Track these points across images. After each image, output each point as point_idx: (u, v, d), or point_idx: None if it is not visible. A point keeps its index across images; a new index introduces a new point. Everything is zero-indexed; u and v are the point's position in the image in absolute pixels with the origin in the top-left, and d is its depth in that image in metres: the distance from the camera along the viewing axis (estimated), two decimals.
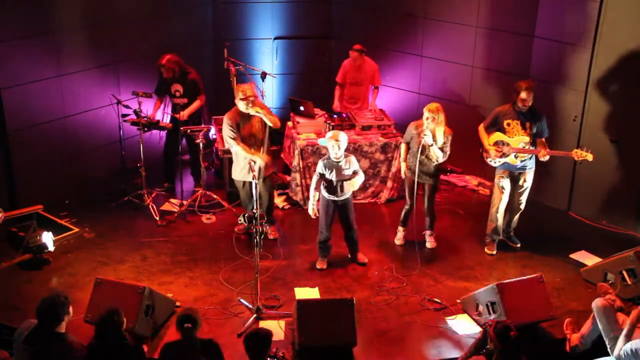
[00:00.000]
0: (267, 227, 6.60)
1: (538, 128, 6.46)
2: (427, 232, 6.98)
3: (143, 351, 4.78)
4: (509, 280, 5.66)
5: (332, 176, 6.29)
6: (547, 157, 6.39)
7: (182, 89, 7.60)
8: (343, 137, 6.27)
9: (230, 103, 6.75)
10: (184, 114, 7.57)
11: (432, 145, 6.44)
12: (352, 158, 6.37)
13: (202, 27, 9.12)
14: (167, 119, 7.91)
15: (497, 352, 4.54)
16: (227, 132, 6.62)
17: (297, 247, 6.93)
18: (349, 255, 6.71)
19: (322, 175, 6.34)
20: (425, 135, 6.37)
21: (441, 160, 6.59)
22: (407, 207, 6.92)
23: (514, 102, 6.43)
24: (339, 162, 6.26)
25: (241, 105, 6.58)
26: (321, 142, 6.42)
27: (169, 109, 7.90)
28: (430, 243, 6.96)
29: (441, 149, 6.51)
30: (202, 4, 9.04)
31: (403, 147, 6.85)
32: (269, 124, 6.69)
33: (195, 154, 7.57)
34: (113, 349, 4.54)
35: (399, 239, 7.04)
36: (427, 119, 6.41)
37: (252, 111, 6.56)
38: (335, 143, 6.18)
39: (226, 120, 6.65)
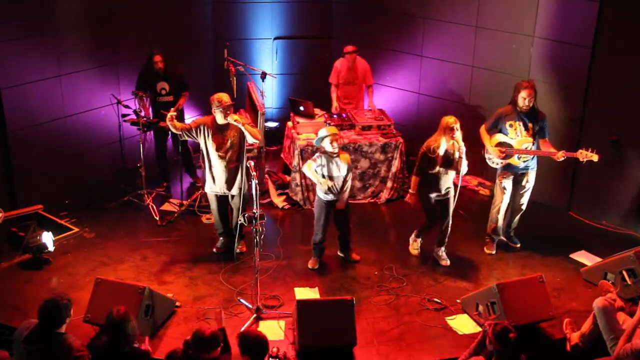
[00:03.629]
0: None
1: (540, 128, 6.45)
2: (442, 249, 6.63)
3: (149, 355, 4.75)
4: (509, 280, 5.67)
5: (324, 171, 6.22)
6: (564, 157, 6.32)
7: (168, 87, 7.57)
8: (320, 132, 6.26)
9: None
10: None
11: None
12: (343, 163, 6.20)
13: (202, 27, 9.12)
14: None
15: (496, 353, 4.53)
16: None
17: (297, 247, 6.93)
18: (340, 254, 6.70)
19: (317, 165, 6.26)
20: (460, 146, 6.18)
21: (465, 170, 6.36)
22: (428, 224, 6.63)
23: (515, 103, 6.42)
24: (334, 157, 6.21)
25: (218, 116, 6.15)
26: (316, 142, 6.39)
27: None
28: (446, 260, 6.60)
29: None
30: (202, 4, 9.05)
31: (414, 178, 6.40)
32: (249, 137, 6.14)
33: (186, 152, 7.48)
34: (122, 355, 4.51)
35: (415, 249, 6.82)
36: (457, 130, 6.15)
37: (230, 120, 6.09)
38: (327, 139, 6.14)
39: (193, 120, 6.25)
